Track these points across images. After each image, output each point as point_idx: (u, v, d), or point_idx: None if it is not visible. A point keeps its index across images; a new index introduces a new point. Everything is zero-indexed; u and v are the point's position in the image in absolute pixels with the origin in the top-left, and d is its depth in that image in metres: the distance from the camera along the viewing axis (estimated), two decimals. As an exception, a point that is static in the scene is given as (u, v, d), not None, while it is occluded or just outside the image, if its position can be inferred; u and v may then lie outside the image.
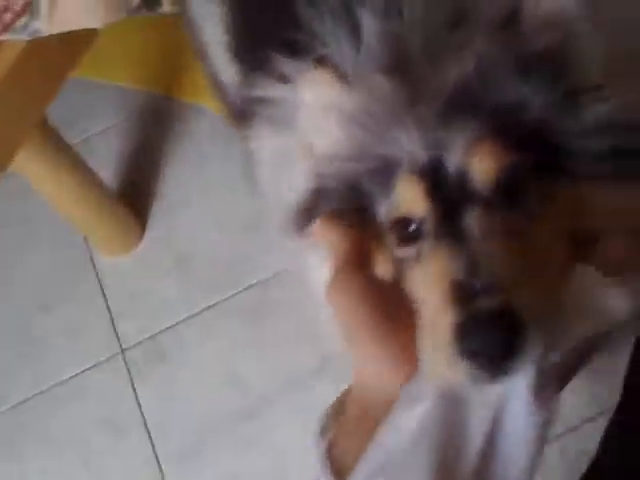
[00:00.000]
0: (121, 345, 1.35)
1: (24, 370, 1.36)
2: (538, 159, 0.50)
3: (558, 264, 0.49)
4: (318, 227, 0.55)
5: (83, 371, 1.34)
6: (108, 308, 1.38)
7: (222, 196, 1.40)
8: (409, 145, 0.50)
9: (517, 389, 0.45)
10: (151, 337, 1.34)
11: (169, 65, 1.55)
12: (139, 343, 1.34)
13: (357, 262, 0.52)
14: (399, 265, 0.52)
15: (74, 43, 1.03)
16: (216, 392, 1.27)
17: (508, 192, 0.49)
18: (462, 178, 0.49)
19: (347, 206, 0.54)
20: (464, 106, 0.50)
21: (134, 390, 1.31)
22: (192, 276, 1.38)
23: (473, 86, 0.51)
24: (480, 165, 0.49)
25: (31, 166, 1.13)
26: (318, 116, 0.56)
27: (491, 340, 0.42)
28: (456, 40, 0.53)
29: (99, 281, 1.41)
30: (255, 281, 1.33)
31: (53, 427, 1.31)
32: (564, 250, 0.50)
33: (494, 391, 0.45)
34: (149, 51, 1.57)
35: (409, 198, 0.50)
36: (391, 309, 0.50)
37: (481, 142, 0.49)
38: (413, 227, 0.50)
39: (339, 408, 0.53)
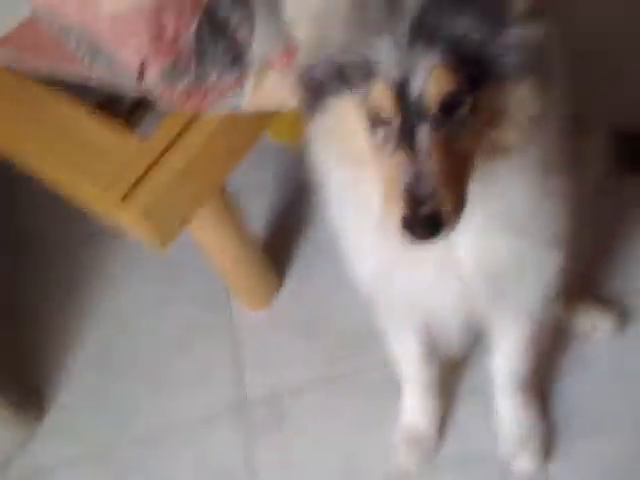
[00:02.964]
0: (245, 398, 1.38)
1: (149, 405, 1.41)
2: (472, 72, 0.67)
3: (474, 164, 0.71)
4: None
5: (203, 418, 1.38)
6: (237, 358, 1.43)
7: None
8: (386, 60, 0.66)
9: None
10: (274, 397, 1.37)
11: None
12: (261, 400, 1.37)
13: None
14: (372, 147, 0.71)
15: (260, 119, 1.10)
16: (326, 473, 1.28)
17: (450, 108, 0.67)
18: (420, 98, 0.66)
19: (332, 83, 0.71)
20: (424, 35, 0.66)
21: (247, 447, 1.33)
22: (322, 340, 1.41)
23: (429, 19, 0.66)
24: (433, 89, 0.66)
25: (203, 219, 1.19)
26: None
27: (424, 233, 0.67)
28: None
29: (232, 330, 1.46)
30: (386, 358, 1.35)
31: (167, 466, 1.35)
32: (478, 152, 0.71)
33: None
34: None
35: (382, 101, 0.68)
36: None
37: (435, 71, 0.66)
38: (382, 115, 0.68)
39: None
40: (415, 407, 1.27)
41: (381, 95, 0.67)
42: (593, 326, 1.28)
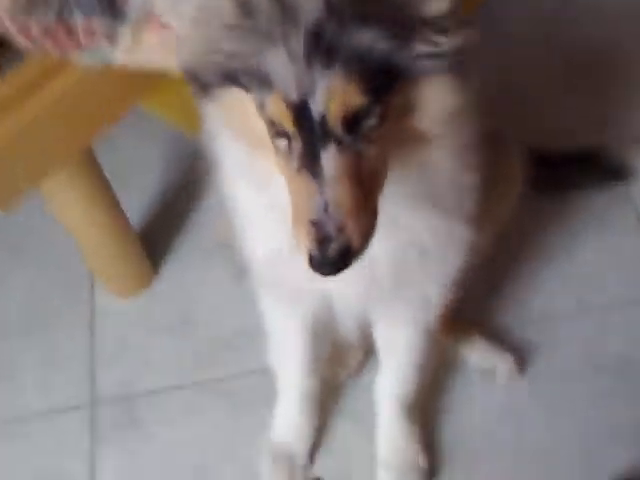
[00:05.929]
0: (93, 397, 1.25)
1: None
2: (380, 82, 0.61)
3: (381, 186, 0.66)
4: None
5: (46, 412, 1.25)
6: (92, 350, 1.29)
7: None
8: (282, 75, 0.60)
9: None
10: (127, 398, 1.25)
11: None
12: (113, 400, 1.25)
13: None
14: (276, 151, 0.65)
15: (137, 85, 0.98)
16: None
17: (355, 123, 0.61)
18: (323, 119, 0.60)
19: (223, 84, 0.64)
20: (322, 49, 0.59)
21: (92, 449, 1.21)
22: (189, 342, 1.29)
23: (327, 33, 0.59)
24: (336, 110, 0.60)
25: (63, 189, 1.06)
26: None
27: (332, 270, 0.63)
28: None
29: (91, 318, 1.32)
30: (255, 367, 1.24)
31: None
32: (385, 171, 0.66)
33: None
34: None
35: (280, 117, 0.61)
36: None
37: (337, 90, 0.59)
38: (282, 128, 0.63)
39: None
40: (289, 420, 1.18)
41: (279, 110, 0.61)
42: (493, 368, 1.23)
